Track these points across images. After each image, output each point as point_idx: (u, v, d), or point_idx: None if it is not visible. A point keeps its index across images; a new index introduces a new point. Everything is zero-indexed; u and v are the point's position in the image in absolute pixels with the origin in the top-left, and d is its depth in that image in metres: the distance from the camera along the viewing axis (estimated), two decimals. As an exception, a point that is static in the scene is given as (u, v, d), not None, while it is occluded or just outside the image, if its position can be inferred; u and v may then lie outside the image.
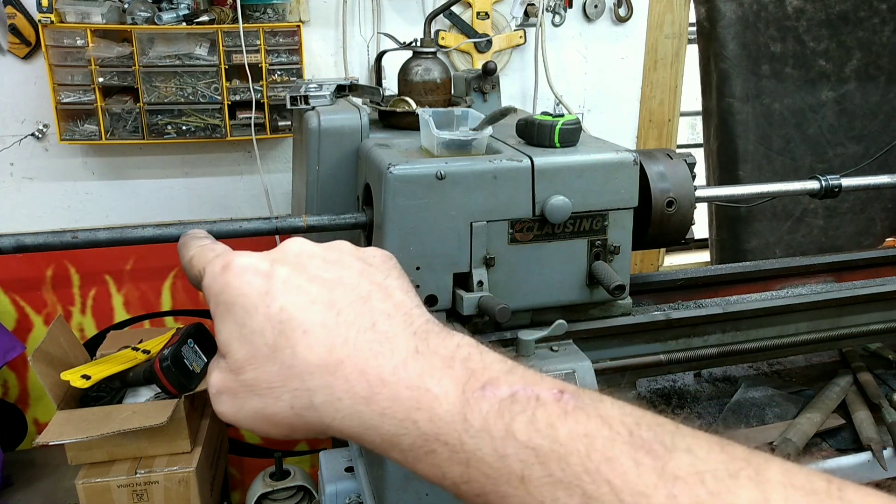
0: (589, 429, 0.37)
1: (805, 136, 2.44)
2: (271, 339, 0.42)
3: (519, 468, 0.37)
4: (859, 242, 2.61)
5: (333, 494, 1.58)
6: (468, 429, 0.38)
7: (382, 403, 0.40)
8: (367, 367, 0.41)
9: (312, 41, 2.04)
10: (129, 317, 2.17)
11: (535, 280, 1.18)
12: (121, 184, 2.07)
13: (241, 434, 2.37)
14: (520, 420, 0.38)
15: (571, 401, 0.38)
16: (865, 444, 1.39)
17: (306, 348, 0.41)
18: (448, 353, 0.42)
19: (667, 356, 1.34)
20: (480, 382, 0.40)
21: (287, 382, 0.42)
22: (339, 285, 0.44)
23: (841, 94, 2.42)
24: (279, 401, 0.42)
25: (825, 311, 1.47)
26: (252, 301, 0.43)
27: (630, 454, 0.35)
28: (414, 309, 0.45)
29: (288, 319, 0.42)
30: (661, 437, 0.36)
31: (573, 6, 2.23)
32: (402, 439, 0.40)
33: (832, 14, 2.34)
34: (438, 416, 0.39)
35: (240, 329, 0.43)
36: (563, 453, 0.36)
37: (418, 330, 0.43)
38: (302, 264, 0.45)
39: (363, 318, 0.42)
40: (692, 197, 1.31)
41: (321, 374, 0.41)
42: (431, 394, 0.40)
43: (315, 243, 0.48)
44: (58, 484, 1.93)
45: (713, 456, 0.35)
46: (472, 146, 1.15)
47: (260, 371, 0.42)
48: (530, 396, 0.39)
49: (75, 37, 1.78)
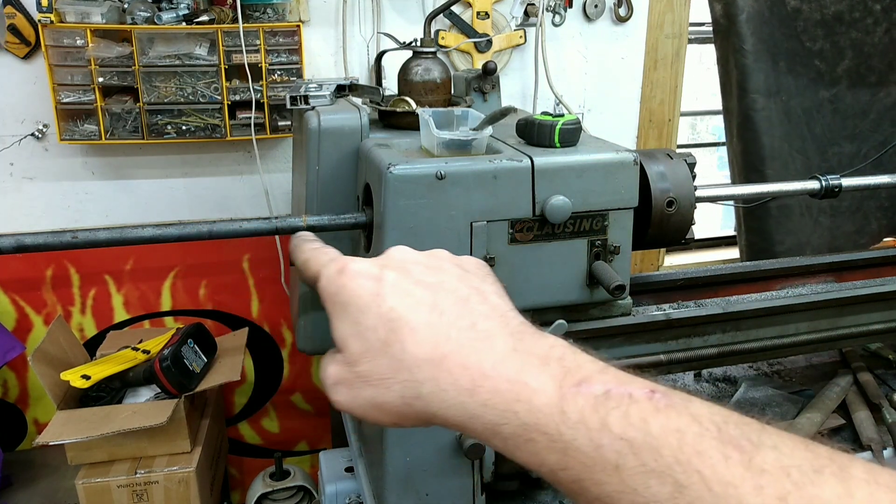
0: (680, 424, 0.39)
1: (814, 134, 2.43)
2: (383, 335, 0.46)
3: (614, 458, 0.39)
4: (856, 241, 2.60)
5: (333, 494, 1.58)
6: (565, 420, 0.41)
7: (484, 395, 0.43)
8: (468, 362, 0.44)
9: (312, 41, 2.04)
10: (129, 317, 2.17)
11: (535, 280, 1.18)
12: (121, 184, 2.07)
13: (240, 434, 2.37)
14: (614, 414, 0.40)
15: (663, 399, 0.40)
16: (865, 444, 1.39)
17: (414, 344, 0.45)
18: (543, 352, 0.45)
19: (667, 356, 1.34)
20: (576, 379, 0.42)
21: (397, 374, 0.46)
22: (440, 289, 0.48)
23: (833, 93, 2.42)
24: (390, 391, 0.46)
25: (825, 311, 1.47)
26: (365, 301, 0.47)
27: (719, 448, 0.37)
28: (509, 311, 0.49)
29: (397, 318, 0.46)
30: (748, 434, 0.38)
31: (573, 6, 2.23)
32: (504, 428, 0.43)
33: (827, 14, 2.33)
34: (537, 408, 0.42)
35: (355, 326, 0.47)
36: (655, 445, 0.38)
37: (514, 330, 0.46)
38: (407, 270, 0.50)
39: (463, 318, 0.47)
40: (692, 197, 1.31)
41: (428, 368, 0.45)
42: (530, 388, 0.42)
43: (416, 251, 0.53)
44: (58, 484, 1.93)
45: (798, 453, 0.37)
46: (472, 146, 1.15)
47: (373, 364, 0.46)
48: (623, 394, 0.41)
49: (75, 37, 1.78)
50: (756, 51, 2.26)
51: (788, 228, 2.45)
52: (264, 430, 2.39)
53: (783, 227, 2.44)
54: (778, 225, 2.44)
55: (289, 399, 2.37)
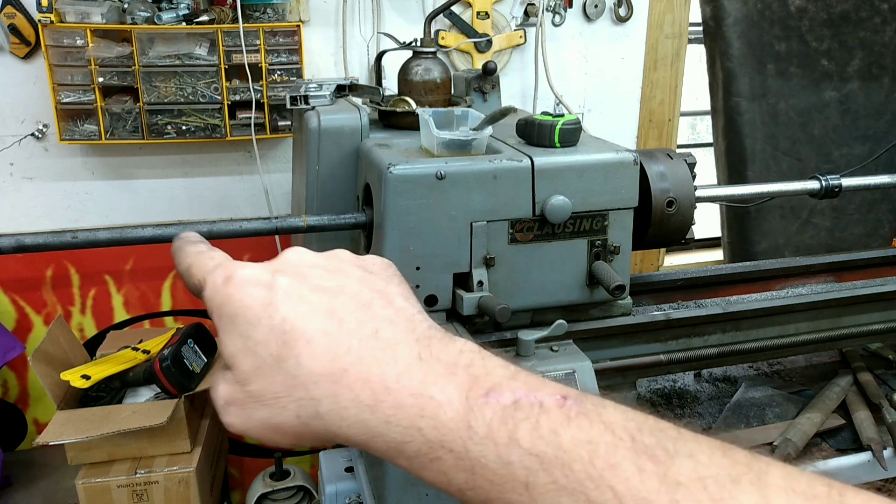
0: (592, 435, 0.37)
1: (811, 136, 2.43)
2: (275, 349, 0.42)
3: (523, 475, 0.37)
4: (866, 244, 2.60)
5: (333, 494, 1.58)
6: (472, 436, 0.38)
7: (387, 411, 0.40)
8: (370, 376, 0.41)
9: (312, 41, 2.04)
10: (129, 317, 2.17)
11: (535, 280, 1.18)
12: (121, 184, 2.07)
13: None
14: (523, 427, 0.38)
15: (574, 406, 0.39)
16: (865, 444, 1.39)
17: (310, 358, 0.41)
18: (451, 360, 0.42)
19: (667, 356, 1.34)
20: (484, 389, 0.40)
21: (292, 392, 0.42)
22: (340, 294, 0.44)
23: (844, 94, 2.42)
24: (285, 410, 0.42)
25: (825, 311, 1.47)
26: (255, 313, 0.43)
27: (633, 460, 0.36)
28: (416, 315, 0.45)
29: (291, 329, 0.42)
30: (664, 442, 0.36)
31: (573, 6, 2.23)
32: (408, 447, 0.40)
33: (833, 14, 2.33)
34: (443, 424, 0.39)
35: (244, 341, 0.43)
36: (566, 460, 0.36)
37: (421, 336, 0.43)
38: (302, 274, 0.45)
39: (365, 325, 0.43)
40: (692, 197, 1.31)
41: (325, 383, 0.41)
42: (435, 401, 0.40)
43: (314, 252, 0.48)
44: (58, 484, 1.93)
45: (715, 461, 0.36)
46: (472, 146, 1.15)
47: (266, 382, 0.42)
48: (533, 403, 0.39)
49: (75, 37, 1.78)
50: (741, 55, 2.28)
51: (765, 230, 2.47)
52: (264, 430, 2.39)
53: (760, 229, 2.46)
54: (755, 226, 2.46)
55: (289, 399, 2.37)
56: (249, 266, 0.46)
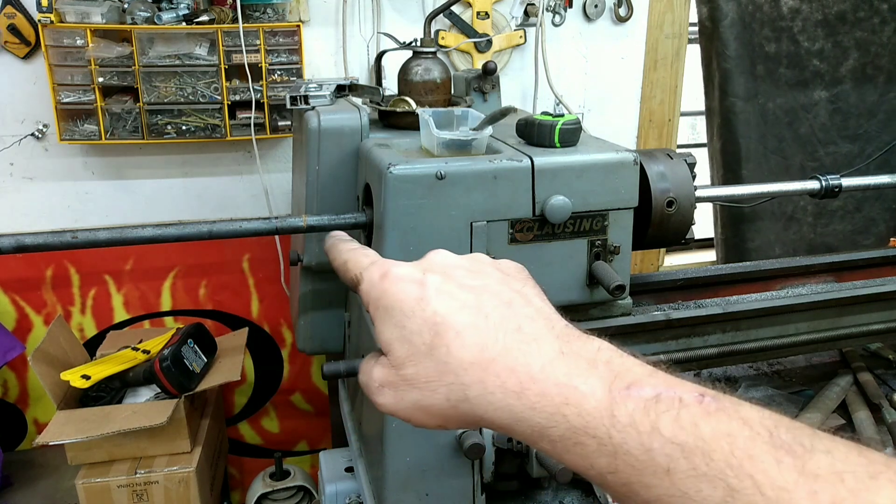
0: (731, 428, 0.39)
1: (796, 135, 2.45)
2: (428, 339, 0.46)
3: (664, 461, 0.39)
4: (856, 242, 2.61)
5: (333, 494, 1.58)
6: (615, 424, 0.41)
7: (532, 398, 0.43)
8: (516, 365, 0.44)
9: (312, 41, 2.04)
10: (129, 317, 2.17)
11: (535, 279, 1.18)
12: (121, 184, 2.07)
13: (240, 434, 2.37)
14: (665, 418, 0.40)
15: (713, 403, 0.40)
16: (865, 444, 1.39)
17: (459, 347, 0.45)
18: (590, 356, 0.45)
19: (667, 356, 1.34)
20: (625, 383, 0.42)
21: (443, 377, 0.46)
22: (484, 292, 0.48)
23: (835, 93, 2.42)
24: (436, 393, 0.46)
25: (825, 311, 1.47)
26: (409, 306, 0.47)
27: (771, 453, 0.37)
28: (553, 314, 0.49)
29: (441, 322, 0.46)
30: (800, 438, 0.38)
31: (573, 6, 2.23)
32: (552, 431, 0.43)
33: (829, 14, 2.34)
34: (587, 412, 0.42)
35: (400, 331, 0.47)
36: (706, 449, 0.38)
37: (560, 333, 0.46)
38: (449, 273, 0.50)
39: (509, 321, 0.46)
40: (692, 197, 1.31)
41: (474, 371, 0.45)
42: (579, 391, 0.42)
43: (456, 255, 0.53)
44: (58, 484, 1.93)
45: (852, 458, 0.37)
46: (472, 146, 1.15)
47: (419, 367, 0.47)
48: (673, 397, 0.41)
49: (75, 37, 1.78)
50: (738, 55, 2.29)
51: (758, 227, 2.47)
52: (264, 430, 2.39)
53: (753, 227, 2.47)
54: (749, 224, 2.46)
55: (289, 399, 2.37)
56: (402, 264, 0.51)
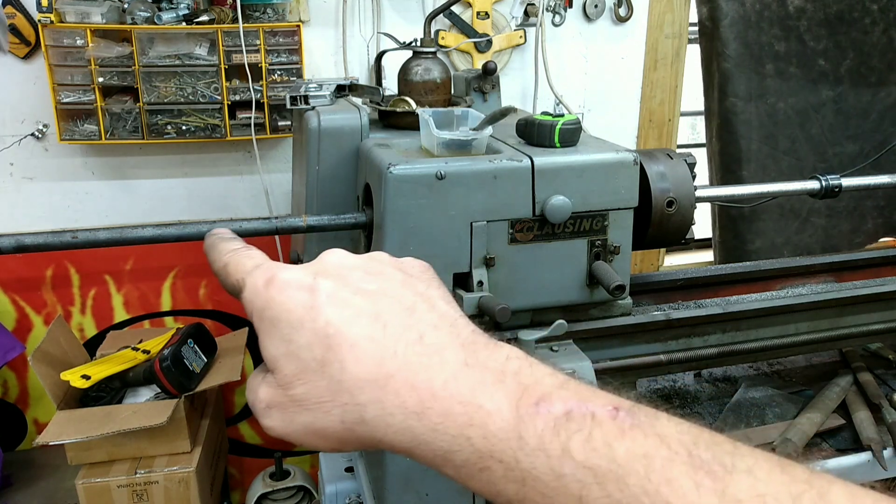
0: (647, 448, 0.36)
1: (808, 135, 2.44)
2: (319, 353, 0.41)
3: (577, 488, 0.36)
4: (852, 240, 2.61)
5: (333, 494, 1.58)
6: (523, 447, 0.38)
7: (434, 419, 0.40)
8: (417, 381, 0.40)
9: (312, 41, 2.04)
10: (129, 317, 2.17)
11: (535, 280, 1.18)
12: (120, 184, 2.07)
13: (240, 434, 2.37)
14: (576, 439, 0.37)
15: (627, 418, 0.38)
16: (865, 444, 1.39)
17: (355, 362, 0.41)
18: (498, 367, 0.41)
19: (667, 356, 1.34)
20: (534, 398, 0.39)
21: (337, 397, 0.41)
22: (383, 297, 0.44)
23: (837, 93, 2.43)
24: (329, 415, 0.42)
25: (825, 311, 1.47)
26: (298, 316, 0.42)
27: (690, 475, 0.35)
28: (459, 319, 0.44)
29: (335, 333, 0.41)
30: (720, 457, 0.36)
31: (573, 6, 2.23)
32: (456, 455, 0.39)
33: (830, 14, 2.34)
34: (492, 433, 0.38)
35: (287, 345, 0.42)
36: (621, 474, 0.36)
37: (465, 341, 0.42)
38: (344, 277, 0.44)
39: (410, 330, 0.42)
40: (692, 197, 1.31)
41: (371, 389, 0.41)
42: (484, 410, 0.39)
43: (354, 255, 0.48)
44: (58, 484, 1.93)
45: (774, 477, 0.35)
46: (472, 146, 1.15)
47: (309, 386, 0.42)
48: (585, 414, 0.38)
49: (75, 37, 1.78)
50: (738, 55, 2.28)
51: (759, 229, 2.47)
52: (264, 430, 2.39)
53: (754, 228, 2.46)
54: (749, 225, 2.46)
55: (289, 399, 2.37)
56: (290, 268, 0.45)
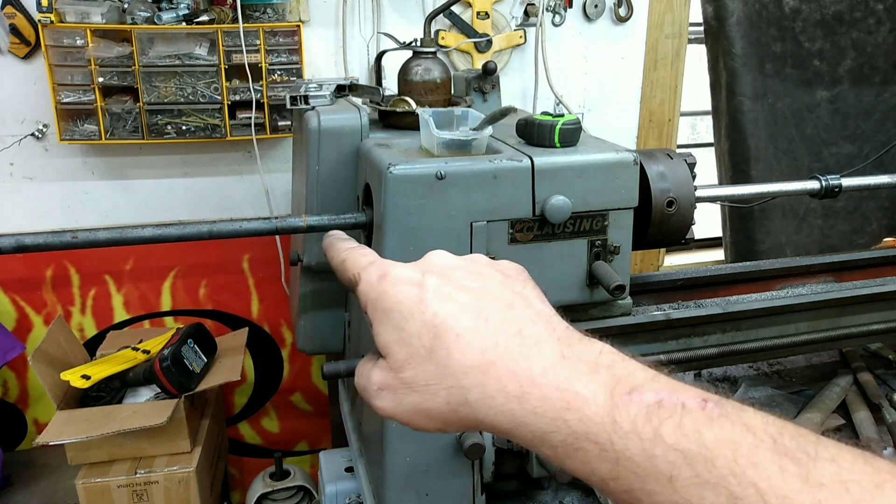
0: (734, 435, 0.38)
1: (803, 135, 2.44)
2: (428, 341, 0.46)
3: (667, 468, 0.38)
4: (853, 241, 2.61)
5: (333, 494, 1.58)
6: (617, 430, 0.40)
7: (533, 403, 0.43)
8: (517, 369, 0.44)
9: (312, 41, 2.04)
10: (129, 317, 2.17)
11: (535, 280, 1.18)
12: (120, 184, 2.07)
13: (240, 434, 2.37)
14: (667, 425, 0.39)
15: (716, 409, 0.40)
16: (865, 444, 1.38)
17: (459, 350, 0.45)
18: (592, 360, 0.44)
19: (667, 356, 1.34)
20: (627, 388, 0.42)
21: (443, 380, 0.45)
22: (484, 294, 0.48)
23: (834, 94, 2.42)
24: (436, 397, 0.46)
25: (825, 311, 1.47)
26: (408, 308, 0.47)
27: (775, 460, 0.36)
28: (553, 316, 0.48)
29: (441, 324, 0.46)
30: (805, 446, 0.37)
31: (573, 6, 2.23)
32: (553, 436, 0.42)
33: (827, 14, 2.34)
34: (588, 417, 0.41)
35: (398, 333, 0.47)
36: (709, 457, 0.37)
37: (561, 336, 0.46)
38: (448, 275, 0.49)
39: (509, 324, 0.46)
40: (692, 197, 1.30)
41: (475, 374, 0.44)
42: (581, 396, 0.42)
43: (455, 256, 0.53)
44: (58, 484, 1.93)
45: (857, 467, 0.36)
46: (472, 146, 1.15)
47: (418, 370, 0.46)
48: (676, 403, 0.40)
49: (75, 37, 1.78)
50: (745, 54, 2.28)
51: (768, 229, 2.47)
52: (264, 430, 2.39)
53: (763, 228, 2.46)
54: (759, 225, 2.46)
55: (289, 399, 2.37)
56: (401, 265, 0.50)
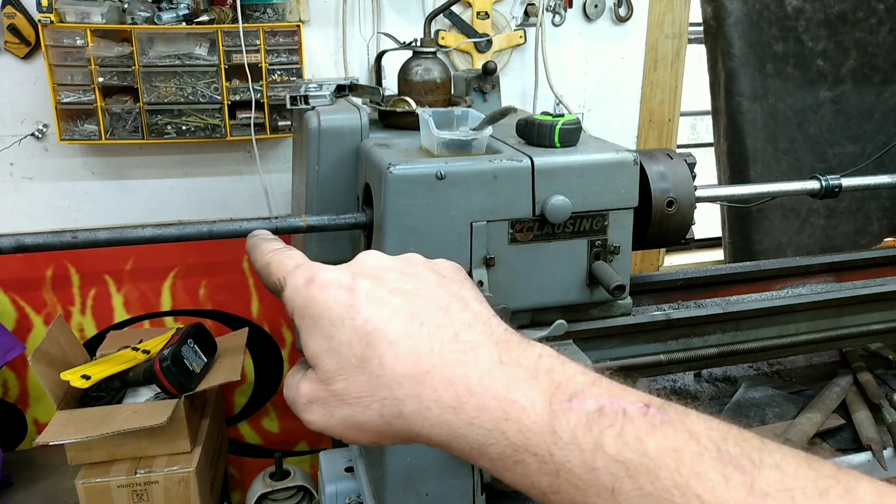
0: (677, 443, 0.37)
1: (806, 135, 2.44)
2: (359, 350, 0.43)
3: (609, 481, 0.37)
4: (856, 241, 2.61)
5: (333, 494, 1.58)
6: (557, 441, 0.39)
7: (470, 413, 0.41)
8: (453, 377, 0.42)
9: (312, 41, 2.04)
10: (129, 317, 2.17)
11: (535, 280, 1.18)
12: (120, 184, 2.07)
13: (240, 434, 2.37)
14: (608, 434, 0.38)
15: (658, 415, 0.39)
16: (865, 444, 1.39)
17: (393, 358, 0.42)
18: (531, 364, 0.42)
19: (667, 356, 1.34)
20: (566, 395, 0.40)
21: (376, 392, 0.43)
22: (418, 297, 0.45)
23: (838, 93, 2.42)
24: (368, 409, 0.43)
25: (825, 311, 1.47)
26: (338, 314, 0.44)
27: (719, 469, 0.36)
28: (492, 318, 0.46)
29: (373, 331, 0.43)
30: (749, 452, 0.36)
31: (573, 6, 2.23)
32: (491, 448, 0.41)
33: (831, 14, 2.34)
34: (527, 428, 0.40)
35: (328, 341, 0.44)
36: (652, 467, 0.37)
37: (499, 339, 0.44)
38: (380, 277, 0.47)
39: (445, 328, 0.44)
40: (692, 197, 1.30)
41: (409, 384, 0.42)
42: (519, 405, 0.40)
43: (389, 256, 0.50)
44: (58, 484, 1.93)
45: (801, 472, 0.35)
46: (472, 146, 1.15)
47: (350, 381, 0.43)
48: (617, 410, 0.39)
49: (75, 36, 1.78)
50: (743, 54, 2.28)
51: (767, 229, 2.47)
52: (264, 430, 2.39)
53: (762, 228, 2.46)
54: (757, 225, 2.46)
55: (289, 399, 2.37)
56: (329, 268, 0.47)
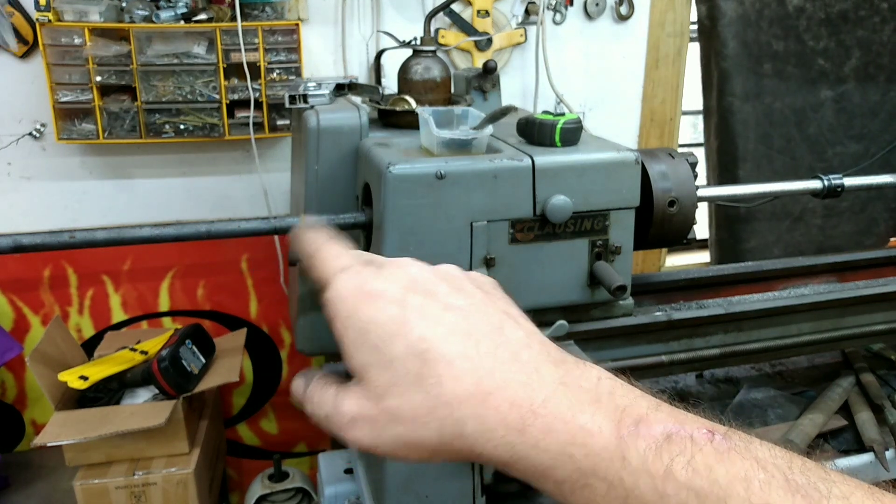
0: (745, 471, 0.37)
1: (805, 135, 2.44)
2: (414, 368, 0.42)
3: None
4: (860, 242, 2.60)
5: (333, 496, 1.57)
6: (626, 466, 0.39)
7: (536, 435, 0.40)
8: (516, 399, 0.41)
9: (311, 39, 2.03)
10: (127, 317, 2.16)
11: (535, 280, 1.17)
12: (118, 183, 2.06)
13: (239, 435, 2.36)
14: (679, 461, 0.38)
15: (724, 442, 0.39)
16: (868, 445, 1.38)
17: (452, 379, 0.41)
18: (591, 387, 0.42)
19: (668, 357, 1.33)
20: (632, 419, 0.40)
21: (434, 411, 0.41)
22: (471, 314, 0.44)
23: (839, 93, 2.42)
24: (426, 428, 0.42)
25: (828, 311, 1.46)
26: (390, 329, 0.43)
27: (787, 499, 0.36)
28: (544, 338, 0.45)
29: (428, 349, 0.42)
30: (815, 482, 0.36)
31: (574, 4, 2.22)
32: (556, 472, 0.40)
33: (832, 13, 2.33)
34: (595, 452, 0.39)
35: (378, 355, 0.42)
36: (722, 495, 0.36)
37: (556, 360, 0.43)
38: (431, 292, 0.45)
39: (502, 348, 0.43)
40: (694, 197, 1.30)
41: (471, 405, 0.41)
42: (586, 429, 0.40)
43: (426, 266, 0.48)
44: (55, 485, 1.92)
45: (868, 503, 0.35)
46: (473, 145, 1.14)
47: (404, 399, 0.42)
48: (685, 437, 0.39)
49: (73, 35, 1.77)
50: (736, 55, 2.28)
51: (754, 228, 2.47)
52: (263, 432, 2.38)
53: (749, 227, 2.46)
54: (744, 224, 2.45)
55: (287, 400, 2.36)
56: (378, 277, 0.45)
